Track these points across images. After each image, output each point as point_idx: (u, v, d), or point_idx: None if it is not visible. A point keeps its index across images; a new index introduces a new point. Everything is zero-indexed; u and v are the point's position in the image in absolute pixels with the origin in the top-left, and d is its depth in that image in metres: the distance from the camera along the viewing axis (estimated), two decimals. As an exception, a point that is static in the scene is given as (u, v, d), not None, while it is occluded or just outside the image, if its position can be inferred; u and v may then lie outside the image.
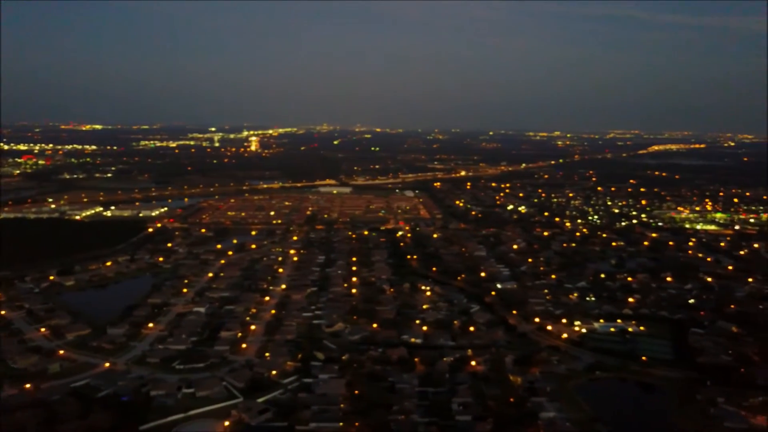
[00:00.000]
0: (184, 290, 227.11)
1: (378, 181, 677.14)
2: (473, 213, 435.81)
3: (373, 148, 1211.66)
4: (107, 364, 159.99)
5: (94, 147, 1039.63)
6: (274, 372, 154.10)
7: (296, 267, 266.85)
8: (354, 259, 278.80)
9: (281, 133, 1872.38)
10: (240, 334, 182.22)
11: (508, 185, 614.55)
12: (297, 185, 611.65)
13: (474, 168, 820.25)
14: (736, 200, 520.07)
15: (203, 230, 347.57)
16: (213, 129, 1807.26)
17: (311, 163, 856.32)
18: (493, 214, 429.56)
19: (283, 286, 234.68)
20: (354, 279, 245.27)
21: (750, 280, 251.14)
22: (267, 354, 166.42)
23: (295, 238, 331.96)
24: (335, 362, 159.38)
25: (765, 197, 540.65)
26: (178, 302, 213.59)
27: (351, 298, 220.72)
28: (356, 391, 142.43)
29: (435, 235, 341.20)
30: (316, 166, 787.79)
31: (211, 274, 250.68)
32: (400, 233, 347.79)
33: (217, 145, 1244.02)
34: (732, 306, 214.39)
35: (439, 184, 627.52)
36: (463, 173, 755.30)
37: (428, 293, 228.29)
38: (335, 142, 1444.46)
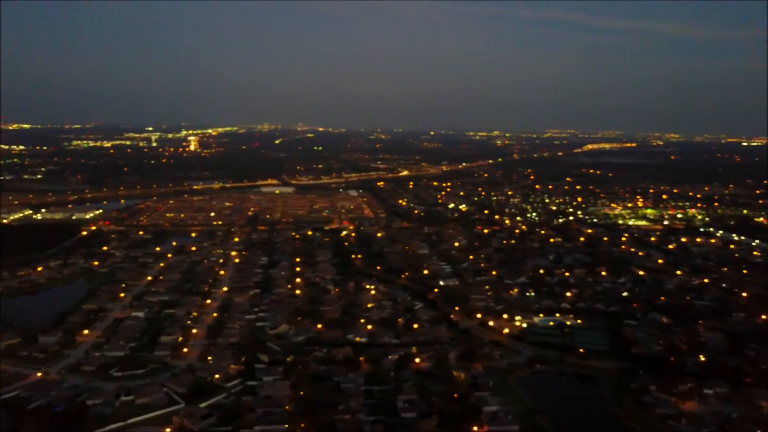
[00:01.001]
0: (122, 295, 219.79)
1: (321, 180, 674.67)
2: (416, 212, 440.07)
3: (315, 148, 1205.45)
4: (39, 374, 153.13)
5: (22, 147, 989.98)
6: (217, 376, 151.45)
7: (238, 269, 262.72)
8: (298, 259, 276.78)
9: (221, 132, 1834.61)
10: (181, 339, 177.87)
11: (449, 184, 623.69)
12: (238, 185, 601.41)
13: (416, 167, 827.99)
14: (664, 197, 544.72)
15: (141, 233, 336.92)
16: (150, 129, 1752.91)
17: (253, 162, 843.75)
18: (435, 213, 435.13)
19: (225, 289, 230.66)
20: (298, 280, 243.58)
21: (678, 272, 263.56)
22: (209, 358, 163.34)
23: (236, 239, 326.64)
24: (280, 364, 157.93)
25: (691, 193, 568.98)
26: (115, 307, 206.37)
27: (295, 299, 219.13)
28: (301, 392, 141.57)
29: (379, 234, 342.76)
30: (258, 166, 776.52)
31: (149, 278, 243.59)
32: (344, 233, 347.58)
33: (154, 144, 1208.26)
34: (662, 298, 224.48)
35: (382, 183, 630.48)
36: (405, 172, 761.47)
37: (373, 292, 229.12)
38: (277, 142, 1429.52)
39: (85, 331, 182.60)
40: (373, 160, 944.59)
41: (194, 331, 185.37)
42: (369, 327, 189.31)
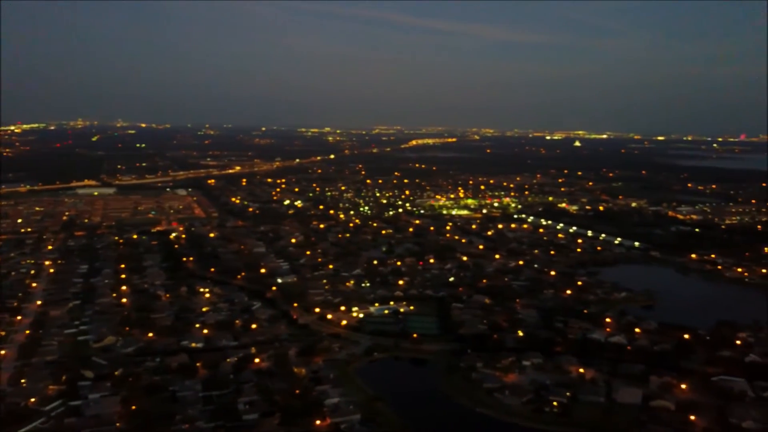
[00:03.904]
0: None
1: (146, 180, 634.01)
2: (250, 209, 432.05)
3: (138, 145, 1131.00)
4: None
5: None
6: (32, 399, 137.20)
7: (53, 280, 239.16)
8: (123, 266, 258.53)
9: (26, 129, 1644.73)
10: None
11: (283, 180, 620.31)
12: (50, 188, 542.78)
13: (249, 164, 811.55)
14: (482, 187, 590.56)
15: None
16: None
17: (66, 162, 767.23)
18: (271, 210, 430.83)
19: (39, 302, 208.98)
20: (124, 287, 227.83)
21: (497, 256, 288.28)
22: (22, 380, 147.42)
23: (50, 247, 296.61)
24: (107, 379, 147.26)
25: (505, 184, 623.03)
26: None
27: (121, 308, 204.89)
28: (133, 407, 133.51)
29: (212, 234, 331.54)
30: (73, 166, 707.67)
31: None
32: (173, 234, 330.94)
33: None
34: (484, 281, 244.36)
35: (213, 181, 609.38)
36: (238, 169, 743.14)
37: (207, 295, 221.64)
38: (94, 139, 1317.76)
39: None
40: (202, 156, 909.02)
41: (2, 352, 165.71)
42: (205, 331, 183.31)
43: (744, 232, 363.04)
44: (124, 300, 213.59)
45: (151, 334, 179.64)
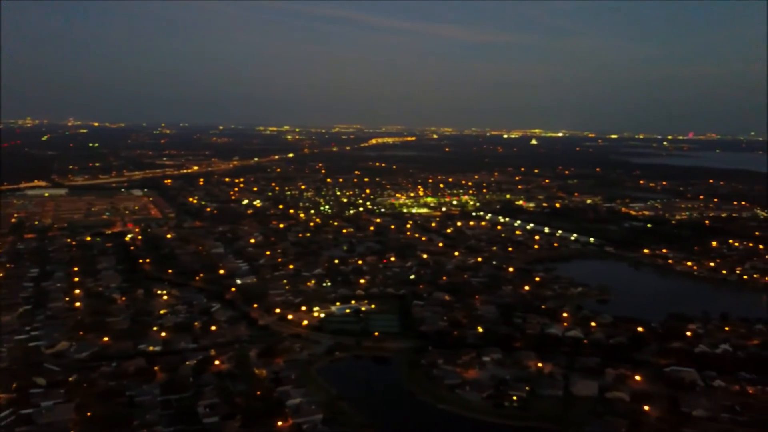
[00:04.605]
0: None
1: (100, 180, 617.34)
2: (208, 209, 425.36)
3: (91, 144, 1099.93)
4: None
5: None
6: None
7: (2, 284, 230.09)
8: (76, 269, 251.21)
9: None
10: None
11: (242, 180, 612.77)
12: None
13: (206, 163, 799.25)
14: (442, 186, 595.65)
15: None
16: None
17: (15, 162, 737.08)
18: (229, 210, 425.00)
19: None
20: (77, 291, 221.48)
21: (456, 254, 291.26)
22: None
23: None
24: (60, 385, 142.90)
25: (463, 182, 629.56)
26: None
27: (75, 312, 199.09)
28: (88, 413, 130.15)
29: (169, 236, 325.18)
30: (21, 166, 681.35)
31: None
32: (129, 236, 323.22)
33: None
34: (444, 278, 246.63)
35: (170, 181, 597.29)
36: (195, 168, 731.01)
37: (165, 297, 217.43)
38: (44, 138, 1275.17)
39: None
40: (158, 156, 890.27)
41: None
42: (163, 334, 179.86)
43: (693, 227, 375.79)
44: (78, 304, 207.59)
45: (106, 339, 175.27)
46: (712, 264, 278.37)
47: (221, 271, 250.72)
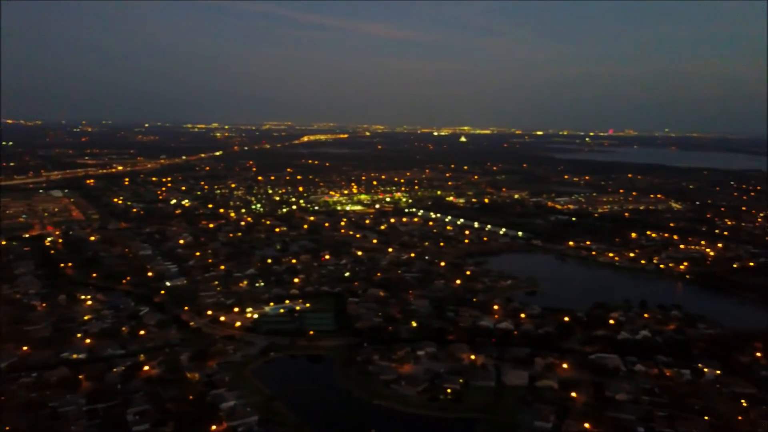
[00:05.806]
0: None
1: (15, 181, 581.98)
2: (135, 210, 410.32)
3: (4, 143, 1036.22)
4: None
5: None
6: None
7: None
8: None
9: None
10: None
11: (169, 179, 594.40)
12: None
13: (131, 162, 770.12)
14: (375, 183, 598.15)
15: None
16: None
17: None
18: (157, 210, 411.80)
19: None
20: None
21: (390, 250, 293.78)
22: None
23: None
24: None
25: (396, 179, 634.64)
26: None
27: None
28: (7, 428, 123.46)
29: (92, 238, 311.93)
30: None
31: None
32: (49, 240, 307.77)
33: None
34: (378, 274, 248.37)
35: (92, 181, 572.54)
36: (119, 168, 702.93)
37: (90, 302, 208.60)
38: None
39: None
40: (79, 155, 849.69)
41: None
42: (88, 341, 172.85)
43: (614, 220, 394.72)
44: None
45: (26, 348, 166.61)
46: (631, 254, 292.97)
47: (149, 274, 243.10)
